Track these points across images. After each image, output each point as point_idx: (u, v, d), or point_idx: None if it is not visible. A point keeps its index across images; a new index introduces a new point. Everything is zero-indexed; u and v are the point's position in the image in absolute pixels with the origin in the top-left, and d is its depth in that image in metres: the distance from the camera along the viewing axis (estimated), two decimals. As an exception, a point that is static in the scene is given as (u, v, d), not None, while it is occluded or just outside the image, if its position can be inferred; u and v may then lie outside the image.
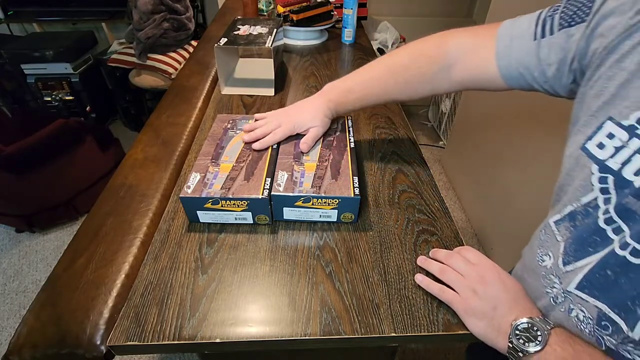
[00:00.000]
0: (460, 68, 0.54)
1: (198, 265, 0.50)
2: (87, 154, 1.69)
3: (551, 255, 0.43)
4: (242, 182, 0.55)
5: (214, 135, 0.65)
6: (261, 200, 0.53)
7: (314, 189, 0.54)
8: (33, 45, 2.00)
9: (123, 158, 0.69)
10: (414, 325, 0.44)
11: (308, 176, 0.56)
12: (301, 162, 0.59)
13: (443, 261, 0.49)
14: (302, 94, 0.93)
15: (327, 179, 0.55)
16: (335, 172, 0.57)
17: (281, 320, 0.44)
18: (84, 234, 0.55)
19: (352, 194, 0.53)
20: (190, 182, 0.55)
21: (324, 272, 0.50)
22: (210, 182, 0.55)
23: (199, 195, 0.52)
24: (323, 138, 0.65)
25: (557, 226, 0.42)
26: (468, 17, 2.31)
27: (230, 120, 0.69)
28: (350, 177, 0.56)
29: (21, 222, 1.63)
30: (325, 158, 0.60)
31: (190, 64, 1.06)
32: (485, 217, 1.60)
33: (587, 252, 0.38)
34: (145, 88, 1.95)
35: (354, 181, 0.55)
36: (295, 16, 1.18)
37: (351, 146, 0.63)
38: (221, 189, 0.53)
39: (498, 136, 1.47)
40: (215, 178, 0.55)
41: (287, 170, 0.57)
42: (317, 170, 0.57)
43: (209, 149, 0.62)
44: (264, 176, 0.56)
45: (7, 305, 1.41)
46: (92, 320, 0.44)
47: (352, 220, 0.56)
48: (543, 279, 0.44)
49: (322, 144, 0.63)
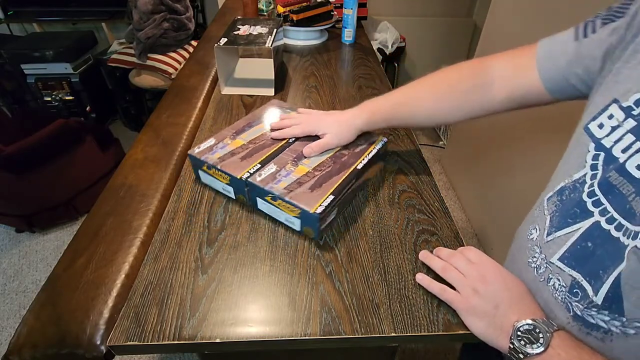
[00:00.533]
0: (502, 85, 0.53)
1: (198, 265, 0.50)
2: (87, 154, 1.69)
3: (538, 228, 0.45)
4: (237, 160, 0.58)
5: (255, 115, 0.69)
6: (239, 181, 0.55)
7: (285, 191, 0.53)
8: (33, 45, 2.00)
9: (123, 158, 0.69)
10: (414, 325, 0.44)
11: (290, 178, 0.55)
12: (297, 163, 0.58)
13: (445, 260, 0.49)
14: (302, 94, 0.93)
15: (304, 188, 0.53)
16: (317, 184, 0.54)
17: (281, 320, 0.44)
18: (84, 234, 0.55)
19: (312, 210, 0.49)
20: (203, 145, 0.61)
21: (324, 272, 0.50)
22: (215, 150, 0.60)
23: (199, 157, 0.59)
24: (339, 149, 0.62)
25: (547, 202, 0.45)
26: (468, 17, 2.31)
27: (278, 106, 0.72)
28: (326, 193, 0.52)
29: (21, 222, 1.63)
30: (322, 168, 0.58)
31: (190, 64, 1.06)
32: (485, 217, 1.60)
33: (567, 223, 0.40)
34: (145, 88, 1.95)
35: (327, 199, 0.51)
36: (295, 16, 1.18)
37: (358, 167, 0.58)
38: (218, 159, 0.58)
39: (498, 136, 1.47)
40: (222, 148, 0.61)
41: (278, 165, 0.57)
42: (303, 177, 0.56)
43: (240, 124, 0.67)
44: (257, 162, 0.57)
45: (7, 305, 1.41)
46: (92, 320, 0.44)
47: (313, 237, 0.54)
48: (528, 250, 0.46)
49: (332, 154, 0.61)
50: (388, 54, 2.10)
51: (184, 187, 0.63)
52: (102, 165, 1.78)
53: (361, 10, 1.30)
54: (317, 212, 0.49)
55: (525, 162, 1.27)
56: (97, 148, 1.73)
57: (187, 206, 0.59)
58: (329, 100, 0.90)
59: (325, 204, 0.51)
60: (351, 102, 0.88)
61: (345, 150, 0.63)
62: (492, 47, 1.51)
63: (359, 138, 0.64)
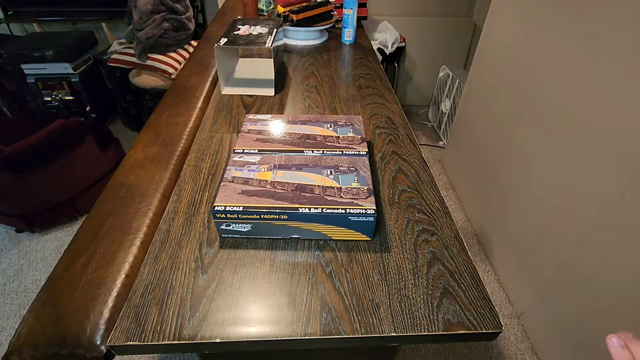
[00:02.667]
0: None
1: (198, 265, 0.50)
2: (87, 154, 1.69)
3: None
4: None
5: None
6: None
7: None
8: (33, 45, 2.00)
9: (123, 158, 0.69)
10: (414, 325, 0.44)
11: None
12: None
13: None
14: (302, 94, 0.93)
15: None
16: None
17: (281, 320, 0.44)
18: (84, 234, 0.55)
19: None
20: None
21: (324, 272, 0.50)
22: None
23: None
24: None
25: None
26: (468, 17, 2.31)
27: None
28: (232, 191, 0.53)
29: (21, 222, 1.63)
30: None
31: (190, 64, 1.06)
32: (485, 217, 1.60)
33: None
34: (145, 88, 1.95)
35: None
36: (295, 16, 1.18)
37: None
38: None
39: (498, 136, 1.47)
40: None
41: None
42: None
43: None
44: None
45: (7, 305, 1.41)
46: (92, 320, 0.44)
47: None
48: None
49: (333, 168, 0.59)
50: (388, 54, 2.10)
51: (184, 187, 0.63)
52: (102, 165, 1.78)
53: (361, 10, 1.30)
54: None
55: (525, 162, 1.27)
56: (97, 148, 1.73)
57: (187, 206, 0.59)
58: (329, 101, 0.90)
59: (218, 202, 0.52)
60: (351, 102, 0.88)
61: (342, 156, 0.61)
62: (492, 47, 1.51)
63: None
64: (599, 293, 0.94)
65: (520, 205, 1.28)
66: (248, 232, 0.53)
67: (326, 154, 0.62)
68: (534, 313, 1.24)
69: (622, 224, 0.87)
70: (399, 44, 2.15)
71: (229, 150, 0.72)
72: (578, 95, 1.00)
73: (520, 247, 1.29)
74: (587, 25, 0.98)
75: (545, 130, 1.14)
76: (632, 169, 0.84)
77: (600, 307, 0.94)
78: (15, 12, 2.22)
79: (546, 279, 1.15)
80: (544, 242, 1.15)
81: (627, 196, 0.86)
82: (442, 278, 0.50)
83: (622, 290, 0.87)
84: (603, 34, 0.92)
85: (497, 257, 1.48)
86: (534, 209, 1.20)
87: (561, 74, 1.07)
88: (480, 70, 1.62)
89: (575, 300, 1.03)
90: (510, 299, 1.38)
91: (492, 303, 0.47)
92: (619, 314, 0.88)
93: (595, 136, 0.94)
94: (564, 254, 1.06)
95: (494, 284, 1.45)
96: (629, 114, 0.85)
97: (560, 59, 1.08)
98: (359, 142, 0.65)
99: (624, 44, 0.87)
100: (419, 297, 0.47)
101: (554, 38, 1.11)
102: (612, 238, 0.90)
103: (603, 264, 0.93)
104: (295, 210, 0.51)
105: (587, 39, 0.97)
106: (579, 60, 1.00)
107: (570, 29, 1.04)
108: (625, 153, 0.86)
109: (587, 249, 0.98)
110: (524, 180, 1.26)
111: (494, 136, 1.51)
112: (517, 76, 1.31)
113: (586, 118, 0.97)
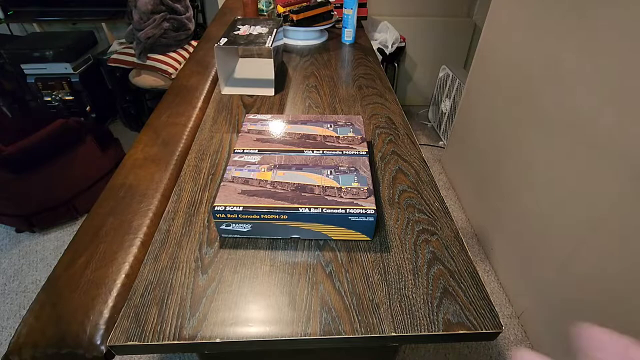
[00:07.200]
0: None
1: (198, 265, 0.50)
2: (87, 154, 1.69)
3: None
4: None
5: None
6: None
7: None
8: (33, 45, 2.00)
9: (123, 158, 0.69)
10: (414, 325, 0.44)
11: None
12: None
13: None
14: (302, 94, 0.93)
15: None
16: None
17: (281, 320, 0.44)
18: (84, 234, 0.55)
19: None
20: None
21: (324, 271, 0.50)
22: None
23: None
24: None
25: None
26: (468, 17, 2.31)
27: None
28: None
29: (21, 222, 1.63)
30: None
31: (190, 64, 1.06)
32: (485, 217, 1.60)
33: None
34: (145, 88, 1.95)
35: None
36: (295, 16, 1.18)
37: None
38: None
39: (498, 136, 1.47)
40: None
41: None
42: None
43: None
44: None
45: (7, 305, 1.41)
46: (92, 320, 0.44)
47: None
48: None
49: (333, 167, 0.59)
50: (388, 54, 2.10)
51: (184, 187, 0.63)
52: (102, 165, 1.78)
53: (361, 10, 1.30)
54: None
55: (525, 162, 1.27)
56: (97, 148, 1.73)
57: (187, 206, 0.59)
58: (329, 101, 0.90)
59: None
60: (351, 102, 0.88)
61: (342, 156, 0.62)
62: (492, 47, 1.51)
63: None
64: (599, 293, 0.94)
65: (520, 205, 1.28)
66: (248, 232, 0.53)
67: (326, 154, 0.62)
68: (534, 313, 1.24)
69: (622, 224, 0.87)
70: (399, 44, 2.15)
71: (229, 150, 0.72)
72: (578, 95, 1.00)
73: (520, 247, 1.29)
74: (587, 25, 0.98)
75: (545, 130, 1.14)
76: (632, 169, 0.84)
77: (601, 307, 0.94)
78: (15, 12, 2.22)
79: (546, 279, 1.15)
80: (544, 242, 1.15)
81: (627, 196, 0.86)
82: (442, 278, 0.50)
83: (622, 290, 0.87)
84: (603, 34, 0.92)
85: (497, 257, 1.48)
86: (534, 209, 1.20)
87: (561, 74, 1.07)
88: (480, 70, 1.62)
89: (575, 300, 1.03)
90: (510, 299, 1.38)
91: (492, 303, 0.47)
92: (619, 314, 0.88)
93: (595, 136, 0.94)
94: (564, 254, 1.06)
95: (494, 284, 1.45)
96: (629, 114, 0.85)
97: (560, 58, 1.08)
98: (359, 142, 0.65)
99: (624, 44, 0.87)
100: (419, 297, 0.47)
101: (554, 38, 1.11)
102: (612, 238, 0.90)
103: (603, 264, 0.93)
104: (295, 210, 0.51)
105: (587, 39, 0.97)
106: (579, 60, 1.00)
107: (570, 29, 1.04)
108: (625, 153, 0.86)
109: (587, 249, 0.98)
110: (524, 181, 1.26)
111: (494, 136, 1.51)
112: (517, 76, 1.31)
113: (586, 118, 0.97)
